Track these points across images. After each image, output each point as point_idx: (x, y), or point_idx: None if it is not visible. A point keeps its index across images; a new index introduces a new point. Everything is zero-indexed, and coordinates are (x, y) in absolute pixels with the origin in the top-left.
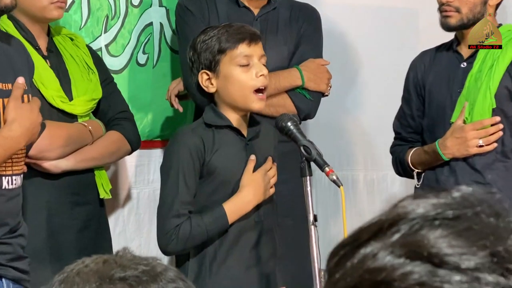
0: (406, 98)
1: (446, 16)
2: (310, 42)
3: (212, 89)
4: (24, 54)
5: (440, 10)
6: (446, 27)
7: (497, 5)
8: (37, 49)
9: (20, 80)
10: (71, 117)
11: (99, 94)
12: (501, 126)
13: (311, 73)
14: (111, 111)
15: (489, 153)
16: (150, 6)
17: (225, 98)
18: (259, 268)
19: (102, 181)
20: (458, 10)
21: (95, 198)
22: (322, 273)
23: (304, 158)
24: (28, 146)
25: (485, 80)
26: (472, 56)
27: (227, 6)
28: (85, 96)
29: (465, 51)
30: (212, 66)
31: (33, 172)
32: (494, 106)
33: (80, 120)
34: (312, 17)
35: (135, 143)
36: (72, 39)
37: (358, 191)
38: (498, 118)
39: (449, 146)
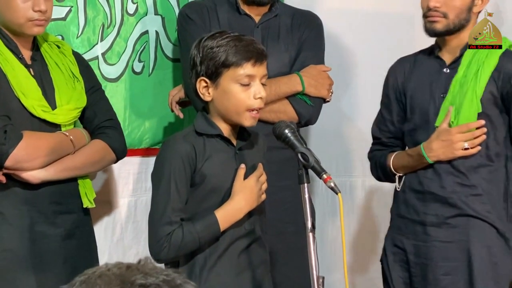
0: (385, 104)
1: (433, 21)
2: (312, 48)
3: (207, 98)
4: None
5: (426, 15)
6: (432, 33)
7: (478, 13)
8: (20, 58)
9: None
10: (54, 126)
11: (83, 103)
12: (485, 129)
13: (312, 79)
14: (97, 119)
15: (474, 156)
16: (146, 15)
17: (219, 109)
18: (249, 275)
19: (86, 190)
20: (445, 16)
21: (79, 207)
22: (321, 280)
23: (301, 165)
24: (4, 157)
25: (471, 85)
26: (455, 62)
27: (228, 14)
28: (68, 105)
29: (447, 57)
30: (213, 77)
31: (13, 182)
32: (480, 110)
33: (63, 129)
34: (313, 23)
35: (120, 151)
36: (59, 47)
37: (356, 197)
38: (483, 122)
39: (434, 149)
